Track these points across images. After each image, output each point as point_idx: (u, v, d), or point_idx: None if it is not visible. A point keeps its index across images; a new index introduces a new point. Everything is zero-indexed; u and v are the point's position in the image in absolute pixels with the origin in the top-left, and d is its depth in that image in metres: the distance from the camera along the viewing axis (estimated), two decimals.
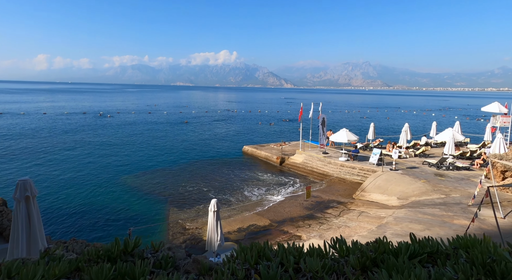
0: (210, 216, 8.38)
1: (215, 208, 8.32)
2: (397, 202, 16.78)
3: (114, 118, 58.96)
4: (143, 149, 32.68)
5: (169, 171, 24.65)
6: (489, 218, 13.57)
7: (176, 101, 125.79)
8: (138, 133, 42.24)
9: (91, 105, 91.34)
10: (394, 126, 56.02)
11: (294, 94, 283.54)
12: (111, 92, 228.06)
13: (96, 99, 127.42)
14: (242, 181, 22.01)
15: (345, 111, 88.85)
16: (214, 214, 8.32)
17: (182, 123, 53.68)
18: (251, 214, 15.99)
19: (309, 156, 25.92)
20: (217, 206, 8.37)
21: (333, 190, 20.08)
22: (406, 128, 26.23)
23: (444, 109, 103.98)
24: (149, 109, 78.91)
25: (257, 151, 30.10)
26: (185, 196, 18.82)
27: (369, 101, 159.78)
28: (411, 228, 12.95)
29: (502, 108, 28.71)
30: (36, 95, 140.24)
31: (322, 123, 25.98)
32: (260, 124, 56.52)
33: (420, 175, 19.80)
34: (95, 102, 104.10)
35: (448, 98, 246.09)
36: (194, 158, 29.51)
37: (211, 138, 40.23)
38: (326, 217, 15.43)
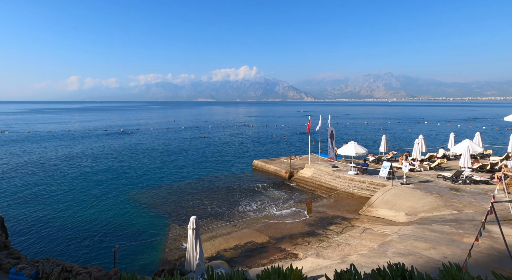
0: (189, 234, 8.25)
1: (194, 226, 8.19)
2: (405, 218, 15.85)
3: (133, 134, 61.00)
4: (154, 164, 33.35)
5: (177, 186, 24.88)
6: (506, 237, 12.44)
7: (196, 116, 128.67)
8: (152, 149, 43.32)
9: (114, 122, 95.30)
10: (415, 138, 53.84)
11: (314, 107, 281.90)
12: (136, 109, 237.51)
13: (120, 116, 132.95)
14: (248, 196, 21.75)
15: (364, 123, 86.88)
16: (193, 231, 8.18)
17: (197, 138, 54.55)
18: (250, 231, 15.65)
19: (318, 170, 25.33)
20: (196, 223, 8.24)
21: (339, 205, 19.36)
22: (420, 140, 25.10)
23: (471, 120, 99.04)
24: (168, 125, 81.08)
25: (267, 165, 29.84)
26: (187, 212, 18.81)
27: (391, 113, 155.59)
28: (416, 246, 12.12)
29: None
30: (66, 114, 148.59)
31: (331, 136, 25.45)
32: (274, 137, 56.33)
33: (432, 189, 18.69)
34: (119, 120, 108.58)
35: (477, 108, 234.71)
36: (204, 172, 29.68)
37: (223, 153, 40.47)
38: (327, 234, 14.81)
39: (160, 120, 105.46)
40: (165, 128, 72.08)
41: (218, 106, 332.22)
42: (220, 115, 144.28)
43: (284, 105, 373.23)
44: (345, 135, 56.88)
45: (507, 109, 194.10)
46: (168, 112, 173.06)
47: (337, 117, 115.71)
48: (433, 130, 68.00)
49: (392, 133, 61.21)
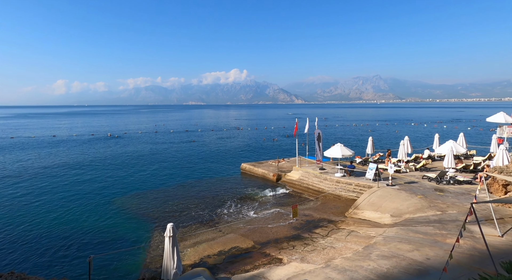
0: (166, 242, 7.97)
1: (171, 233, 7.92)
2: (390, 219, 15.87)
3: (120, 138, 59.99)
4: (140, 168, 32.76)
5: (162, 190, 24.43)
6: (487, 237, 12.52)
7: (186, 120, 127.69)
8: (139, 153, 42.61)
9: (102, 126, 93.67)
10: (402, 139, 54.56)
11: (304, 109, 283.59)
12: (124, 113, 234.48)
13: (108, 120, 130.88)
14: (234, 200, 21.49)
15: (352, 125, 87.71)
16: (170, 239, 7.91)
17: (185, 142, 53.99)
18: (236, 235, 15.40)
19: (305, 172, 25.27)
20: (173, 231, 7.97)
21: (326, 207, 19.29)
22: (405, 142, 25.34)
23: (456, 121, 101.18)
24: (157, 129, 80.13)
25: (255, 168, 29.65)
26: (172, 217, 18.42)
27: (380, 115, 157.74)
28: (400, 248, 12.10)
29: (508, 118, 27.46)
30: (52, 119, 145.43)
31: (318, 138, 25.46)
32: (264, 140, 56.23)
33: (417, 190, 18.83)
34: (107, 124, 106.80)
35: (463, 109, 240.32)
36: (191, 177, 29.28)
37: (212, 156, 40.11)
38: (313, 237, 14.68)
39: (148, 124, 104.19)
40: (154, 132, 71.19)
41: (209, 110, 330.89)
42: (210, 118, 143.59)
43: (274, 108, 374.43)
44: (334, 137, 57.22)
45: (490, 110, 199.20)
46: (157, 116, 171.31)
47: (326, 119, 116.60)
48: (420, 131, 69.11)
49: (380, 135, 61.92)
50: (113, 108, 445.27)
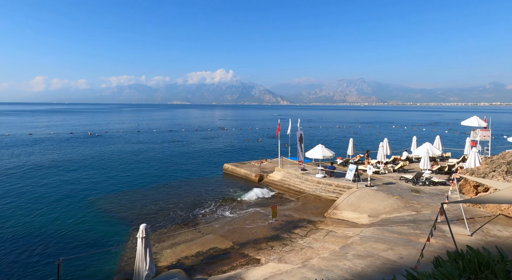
0: (139, 243, 7.80)
1: (143, 234, 7.75)
2: (367, 220, 16.19)
3: (101, 137, 58.44)
4: (120, 168, 32.02)
5: (143, 191, 23.95)
6: (457, 236, 13.00)
7: (170, 120, 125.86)
8: (119, 152, 41.64)
9: (82, 125, 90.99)
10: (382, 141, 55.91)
11: (289, 111, 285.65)
12: (106, 111, 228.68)
13: (89, 119, 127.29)
14: (215, 201, 21.34)
15: (336, 127, 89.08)
16: (143, 240, 7.74)
17: (168, 142, 53.22)
18: (215, 236, 15.29)
19: (287, 173, 25.43)
20: (146, 232, 7.81)
21: (306, 208, 19.47)
22: (384, 144, 25.95)
23: (435, 124, 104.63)
24: (139, 128, 78.60)
25: (237, 168, 29.57)
26: (151, 218, 18.09)
27: (363, 117, 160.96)
28: (375, 248, 12.35)
29: (481, 122, 28.66)
30: (29, 117, 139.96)
31: (300, 139, 25.67)
32: (248, 141, 56.21)
33: (395, 191, 19.31)
34: (87, 122, 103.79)
35: (441, 113, 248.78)
36: (173, 177, 28.86)
37: (195, 157, 39.71)
38: (292, 237, 14.77)
39: (131, 123, 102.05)
40: (136, 132, 69.77)
41: (194, 110, 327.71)
42: (195, 118, 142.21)
43: (260, 109, 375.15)
44: (317, 138, 57.88)
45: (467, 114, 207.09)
46: (140, 115, 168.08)
47: (310, 121, 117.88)
48: (400, 133, 71.01)
49: (361, 137, 63.18)
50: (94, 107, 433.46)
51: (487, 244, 12.02)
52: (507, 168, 15.73)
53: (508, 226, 13.63)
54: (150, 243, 7.97)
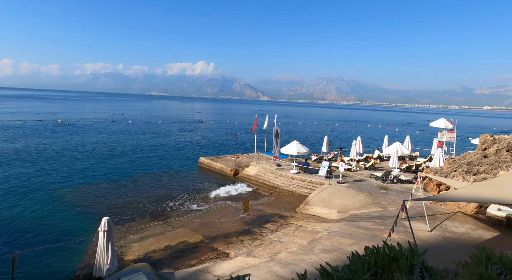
0: (100, 237, 7.56)
1: (105, 227, 7.53)
2: (337, 215, 16.65)
3: (72, 126, 55.98)
4: (90, 159, 30.88)
5: (114, 183, 23.25)
6: (417, 232, 13.68)
7: (148, 111, 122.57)
8: (91, 143, 40.11)
9: (53, 113, 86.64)
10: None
11: (269, 106, 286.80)
12: (80, 100, 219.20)
13: (61, 106, 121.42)
14: (188, 194, 21.12)
15: (314, 124, 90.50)
16: (105, 234, 7.51)
17: (144, 134, 51.88)
18: (185, 230, 15.15)
19: (262, 168, 25.58)
20: (108, 225, 7.58)
21: (279, 203, 19.72)
22: (357, 142, 26.69)
23: (408, 124, 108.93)
24: (114, 118, 76.02)
25: (213, 162, 29.38)
26: (120, 211, 17.63)
27: (340, 115, 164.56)
28: (341, 243, 12.74)
29: (448, 124, 30.11)
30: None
31: (276, 135, 25.84)
32: (226, 135, 55.93)
33: (364, 188, 19.96)
34: (58, 110, 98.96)
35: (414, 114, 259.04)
36: (146, 170, 28.22)
37: (171, 149, 39.00)
38: (262, 232, 14.93)
39: (106, 113, 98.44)
40: (110, 122, 67.42)
41: (173, 101, 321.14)
42: (173, 110, 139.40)
43: (240, 103, 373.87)
44: (294, 135, 58.56)
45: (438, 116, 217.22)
46: (116, 105, 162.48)
47: (289, 117, 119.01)
48: (375, 132, 73.32)
49: (338, 134, 64.65)
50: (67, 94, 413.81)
51: (444, 239, 12.74)
52: (467, 168, 16.67)
53: (465, 222, 14.50)
54: (113, 237, 7.76)
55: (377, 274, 1.80)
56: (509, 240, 12.54)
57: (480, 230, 13.48)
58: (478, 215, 15.28)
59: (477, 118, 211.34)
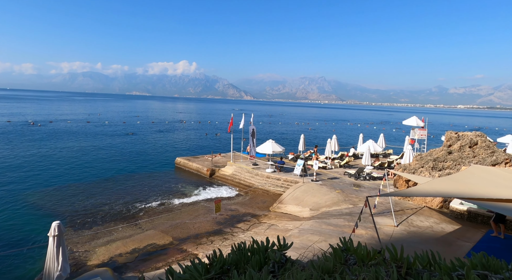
0: (50, 242, 7.20)
1: (56, 232, 7.18)
2: (309, 213, 16.80)
3: (44, 127, 53.71)
4: (61, 161, 29.69)
5: (85, 186, 22.43)
6: (384, 227, 14.01)
7: (127, 111, 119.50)
8: (63, 144, 38.62)
9: (24, 113, 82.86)
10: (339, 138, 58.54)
11: (252, 106, 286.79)
12: (55, 100, 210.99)
13: (34, 107, 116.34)
14: (161, 195, 20.70)
15: (295, 123, 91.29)
16: (55, 239, 7.16)
17: (120, 135, 50.51)
18: (155, 232, 14.82)
19: (238, 168, 25.46)
20: (59, 229, 7.23)
21: (253, 202, 19.67)
22: (333, 140, 27.07)
23: (385, 123, 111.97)
24: (89, 119, 73.63)
25: (189, 162, 28.97)
26: (88, 214, 17.02)
27: (322, 114, 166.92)
28: (310, 240, 12.83)
29: (419, 122, 31.07)
30: None
31: (252, 134, 25.79)
32: (206, 135, 55.39)
33: (337, 186, 20.25)
34: (31, 111, 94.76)
35: (392, 112, 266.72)
36: (120, 171, 27.44)
37: (147, 150, 38.16)
38: (234, 231, 14.83)
39: (82, 113, 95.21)
40: (85, 123, 65.24)
41: (154, 101, 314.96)
42: (154, 110, 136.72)
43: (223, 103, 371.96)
44: (274, 134, 58.79)
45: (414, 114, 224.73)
46: (94, 105, 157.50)
47: (271, 116, 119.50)
48: (354, 131, 74.77)
49: (318, 133, 65.47)
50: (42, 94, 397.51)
51: (409, 233, 13.09)
52: (433, 164, 17.24)
53: (430, 216, 14.98)
54: (64, 241, 7.41)
55: (228, 272, 1.73)
56: (469, 232, 13.05)
57: (443, 224, 13.96)
58: (443, 209, 15.84)
59: (451, 116, 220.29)
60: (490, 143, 17.06)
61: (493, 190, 9.82)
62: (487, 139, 17.40)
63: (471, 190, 9.95)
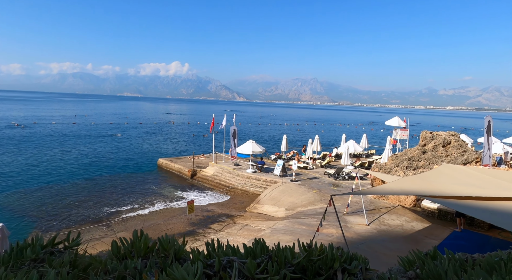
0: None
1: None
2: (284, 213, 16.76)
3: (27, 129, 52.66)
4: (41, 162, 29.09)
5: (62, 187, 21.96)
6: (356, 225, 14.05)
7: (116, 112, 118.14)
8: (45, 145, 37.88)
9: (8, 115, 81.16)
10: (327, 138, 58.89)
11: (243, 107, 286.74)
12: (43, 101, 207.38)
13: (20, 108, 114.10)
14: (140, 197, 20.41)
15: (284, 124, 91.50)
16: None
17: (106, 136, 49.82)
18: (126, 234, 14.54)
19: (220, 168, 25.32)
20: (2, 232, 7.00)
21: (231, 203, 19.56)
22: (315, 141, 27.15)
23: (374, 124, 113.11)
24: (76, 120, 72.51)
25: (171, 163, 28.70)
26: (61, 216, 16.66)
27: (312, 115, 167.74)
28: (281, 240, 12.75)
29: (401, 122, 31.42)
30: None
31: (233, 135, 25.66)
32: (193, 136, 55.06)
33: (315, 185, 20.28)
34: (16, 112, 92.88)
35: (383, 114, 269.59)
36: (101, 172, 27.00)
37: (131, 151, 37.69)
38: (206, 232, 14.68)
39: (68, 114, 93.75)
40: (71, 124, 64.21)
41: (145, 102, 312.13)
42: (144, 111, 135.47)
43: (215, 104, 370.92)
44: (261, 135, 58.80)
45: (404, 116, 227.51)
46: (83, 106, 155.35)
47: (261, 118, 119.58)
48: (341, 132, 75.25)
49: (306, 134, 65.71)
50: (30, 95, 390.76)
51: (379, 232, 13.14)
52: (408, 163, 17.39)
53: (402, 215, 15.09)
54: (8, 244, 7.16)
55: None
56: (437, 230, 13.17)
57: (413, 222, 14.07)
58: (416, 208, 15.98)
59: (441, 117, 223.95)
60: (462, 142, 17.31)
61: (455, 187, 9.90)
62: (460, 139, 17.65)
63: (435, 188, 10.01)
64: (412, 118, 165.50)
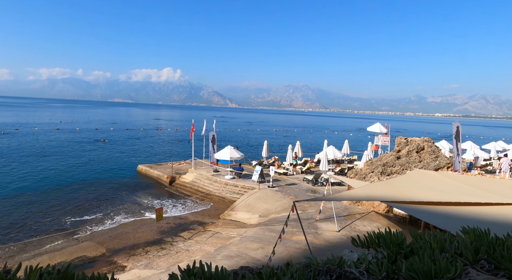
0: None
1: None
2: (257, 220, 16.44)
3: (8, 135, 51.26)
4: (15, 169, 28.16)
5: (32, 195, 21.18)
6: (326, 232, 13.82)
7: (105, 118, 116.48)
8: (23, 152, 36.80)
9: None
10: (314, 145, 58.93)
11: (235, 113, 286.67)
12: (31, 106, 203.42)
13: (4, 113, 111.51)
14: (114, 204, 19.82)
15: (273, 130, 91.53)
16: None
17: (88, 142, 48.82)
18: (91, 243, 14.02)
19: (199, 175, 24.91)
20: None
21: (206, 210, 19.14)
22: (297, 146, 27.03)
23: (362, 130, 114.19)
24: (60, 126, 71.10)
25: (151, 169, 28.17)
26: (26, 226, 15.98)
27: (302, 122, 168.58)
28: (248, 247, 12.44)
29: (383, 128, 31.61)
30: None
31: (212, 140, 25.37)
32: (178, 142, 54.46)
33: (292, 192, 20.05)
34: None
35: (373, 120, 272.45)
36: (77, 179, 26.25)
37: (112, 157, 36.94)
38: (174, 241, 14.23)
39: (54, 120, 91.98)
40: (54, 130, 62.88)
41: (136, 108, 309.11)
42: (133, 118, 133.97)
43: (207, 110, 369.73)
44: (247, 142, 58.53)
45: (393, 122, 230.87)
46: (71, 112, 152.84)
47: (251, 124, 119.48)
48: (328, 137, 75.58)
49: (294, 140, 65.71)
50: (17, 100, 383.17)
51: (348, 238, 12.91)
52: (382, 169, 17.33)
53: (375, 221, 14.94)
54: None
55: None
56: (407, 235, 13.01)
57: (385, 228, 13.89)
58: (389, 214, 15.86)
59: (429, 124, 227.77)
60: (436, 148, 17.37)
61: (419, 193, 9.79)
62: (433, 144, 17.72)
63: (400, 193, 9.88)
64: (401, 125, 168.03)
